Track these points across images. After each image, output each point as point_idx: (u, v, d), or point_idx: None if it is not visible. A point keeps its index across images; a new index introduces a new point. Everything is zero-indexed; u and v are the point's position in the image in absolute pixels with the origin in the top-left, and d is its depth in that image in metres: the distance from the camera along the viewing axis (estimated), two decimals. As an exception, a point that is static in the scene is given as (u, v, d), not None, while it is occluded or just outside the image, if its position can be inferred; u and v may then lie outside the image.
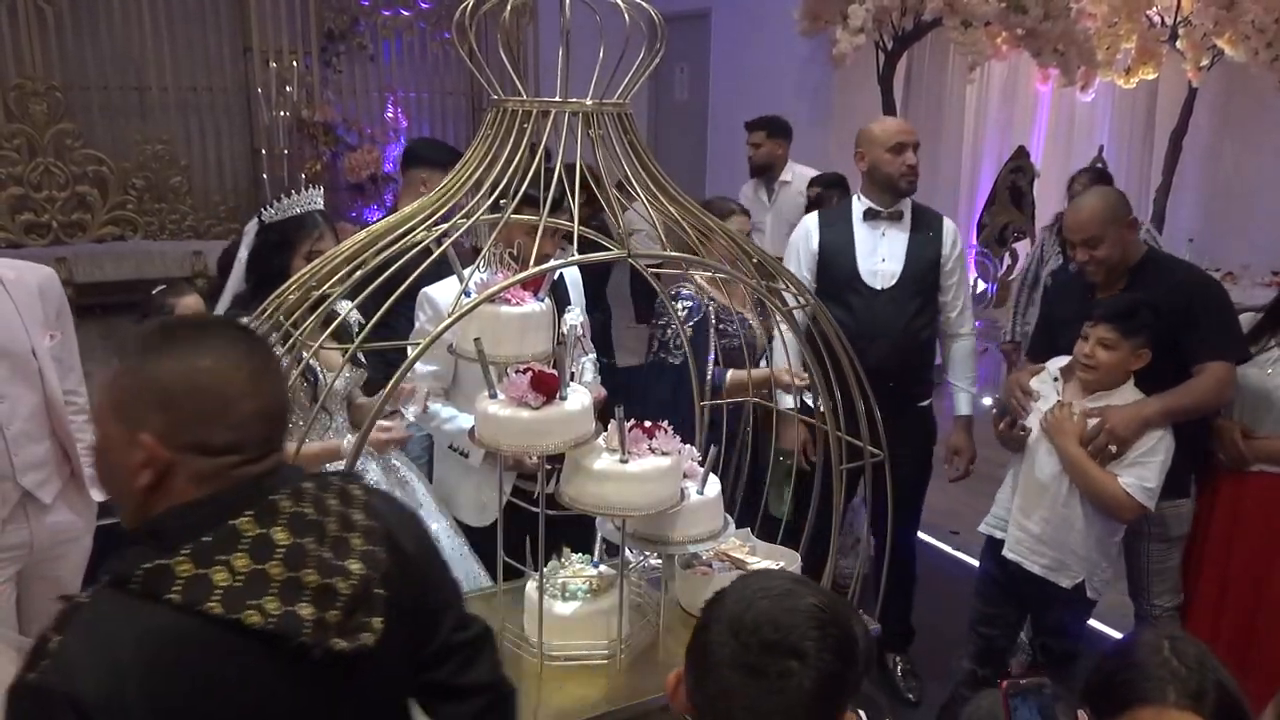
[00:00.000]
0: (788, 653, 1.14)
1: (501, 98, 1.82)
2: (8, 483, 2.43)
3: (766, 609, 1.18)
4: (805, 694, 1.14)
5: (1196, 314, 2.74)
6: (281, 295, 1.81)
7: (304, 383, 2.42)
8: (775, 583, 1.24)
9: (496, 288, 1.72)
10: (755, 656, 1.15)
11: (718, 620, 1.20)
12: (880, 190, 3.22)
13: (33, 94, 6.73)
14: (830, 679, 1.16)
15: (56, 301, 2.56)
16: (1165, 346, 2.70)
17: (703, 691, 1.19)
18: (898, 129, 3.22)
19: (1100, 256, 2.77)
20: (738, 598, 1.22)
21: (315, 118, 7.20)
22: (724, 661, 1.17)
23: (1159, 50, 6.07)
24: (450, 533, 2.69)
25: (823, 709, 1.16)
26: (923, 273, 3.22)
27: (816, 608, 1.19)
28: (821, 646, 1.15)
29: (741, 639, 1.16)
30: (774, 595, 1.21)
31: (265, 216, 2.44)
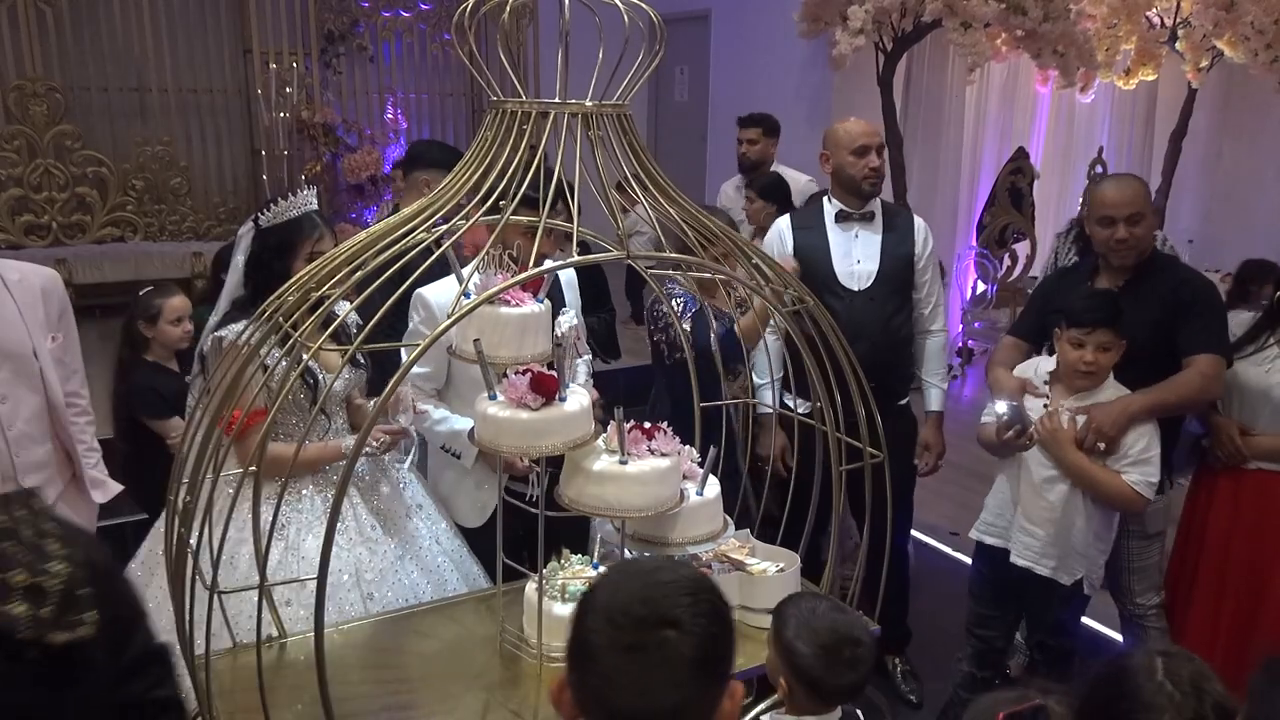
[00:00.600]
0: (662, 623, 1.16)
1: (501, 99, 1.82)
2: (9, 484, 2.43)
3: (635, 588, 1.21)
4: (687, 661, 1.15)
5: (1197, 308, 2.78)
6: (281, 296, 1.81)
7: (304, 385, 2.42)
8: (642, 564, 1.29)
9: (496, 289, 1.72)
10: (631, 635, 1.16)
11: (591, 612, 1.21)
12: (845, 192, 3.24)
13: (33, 95, 6.73)
14: (709, 641, 1.17)
15: (59, 303, 2.56)
16: (1166, 342, 2.74)
17: (586, 687, 1.19)
18: (860, 131, 3.20)
19: (1139, 234, 2.80)
20: (606, 586, 1.24)
21: (315, 119, 7.21)
22: (602, 648, 1.18)
23: (1158, 52, 6.08)
24: (450, 534, 2.69)
25: (706, 674, 1.18)
26: (898, 271, 3.24)
27: (685, 578, 1.22)
28: (695, 613, 1.17)
29: (616, 622, 1.18)
30: (641, 574, 1.24)
31: (262, 221, 2.41)
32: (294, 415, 2.44)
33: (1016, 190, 7.05)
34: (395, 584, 2.44)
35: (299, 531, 2.40)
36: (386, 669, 2.07)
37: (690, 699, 1.16)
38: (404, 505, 2.61)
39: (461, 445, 2.67)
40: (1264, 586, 2.85)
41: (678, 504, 1.98)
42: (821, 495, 2.32)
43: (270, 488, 2.21)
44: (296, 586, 2.30)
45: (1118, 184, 2.94)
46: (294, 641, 2.13)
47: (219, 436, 1.79)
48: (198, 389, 2.42)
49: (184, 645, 1.81)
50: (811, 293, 2.18)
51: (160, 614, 2.35)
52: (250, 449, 1.93)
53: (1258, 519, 2.86)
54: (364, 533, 2.47)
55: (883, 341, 3.20)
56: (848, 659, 1.77)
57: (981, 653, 2.97)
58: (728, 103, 7.96)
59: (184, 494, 1.81)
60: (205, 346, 2.43)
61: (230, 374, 1.80)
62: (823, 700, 1.80)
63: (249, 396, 1.87)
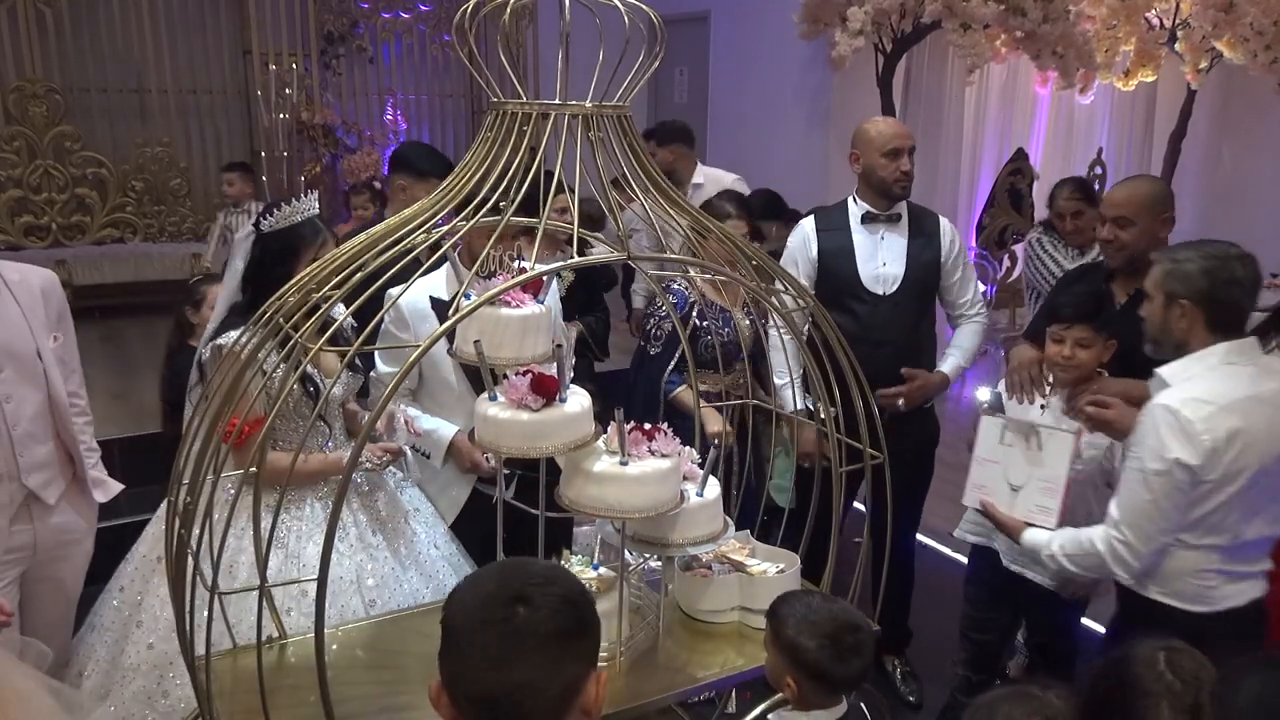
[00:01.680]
0: (513, 600, 1.22)
1: (501, 100, 1.82)
2: (13, 484, 2.43)
3: (493, 574, 1.31)
4: (539, 636, 1.21)
5: None
6: (281, 298, 1.80)
7: (304, 393, 2.41)
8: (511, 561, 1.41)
9: (495, 290, 1.72)
10: (483, 611, 1.22)
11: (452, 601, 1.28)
12: (875, 194, 3.20)
13: (32, 96, 6.74)
14: (561, 617, 1.23)
15: (58, 303, 2.57)
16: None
17: (449, 674, 1.24)
18: (894, 134, 3.16)
19: (1125, 239, 2.77)
20: (469, 578, 1.34)
21: (315, 120, 7.21)
22: (459, 629, 1.23)
23: (1158, 53, 6.07)
24: (447, 538, 2.70)
25: (559, 651, 1.22)
26: (924, 276, 3.21)
27: (544, 569, 1.32)
28: (547, 593, 1.24)
29: (468, 603, 1.25)
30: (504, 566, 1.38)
31: (264, 226, 2.40)
32: (294, 423, 2.43)
33: (1016, 191, 7.05)
34: (396, 590, 2.45)
35: (299, 540, 2.40)
36: (387, 670, 2.07)
37: (543, 675, 1.21)
38: (402, 511, 2.62)
39: (431, 445, 2.69)
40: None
41: (678, 505, 1.98)
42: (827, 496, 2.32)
43: (270, 497, 2.20)
44: (298, 596, 2.30)
45: (1120, 184, 2.96)
46: (294, 643, 2.13)
47: (218, 440, 1.79)
48: (196, 397, 2.41)
49: (184, 646, 1.81)
50: (812, 294, 2.18)
51: (159, 616, 2.36)
52: (249, 456, 1.93)
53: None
54: (364, 539, 2.47)
55: (907, 347, 3.19)
56: (851, 645, 1.80)
57: (977, 656, 2.93)
58: (727, 104, 7.97)
59: (184, 495, 1.81)
60: (204, 354, 2.42)
61: (229, 379, 1.80)
62: (832, 691, 1.82)
63: (248, 403, 1.87)
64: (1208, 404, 2.05)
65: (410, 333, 2.65)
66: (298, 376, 1.91)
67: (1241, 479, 2.06)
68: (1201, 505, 2.09)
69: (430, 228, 1.77)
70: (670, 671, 2.04)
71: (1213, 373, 2.11)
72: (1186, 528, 2.12)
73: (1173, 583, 2.16)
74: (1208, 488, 2.06)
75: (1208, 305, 2.12)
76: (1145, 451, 2.09)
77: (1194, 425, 2.03)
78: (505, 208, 1.73)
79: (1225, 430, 2.03)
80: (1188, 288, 2.13)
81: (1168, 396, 2.09)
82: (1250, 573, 2.18)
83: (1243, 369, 2.11)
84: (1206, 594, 2.14)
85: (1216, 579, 2.14)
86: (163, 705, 2.29)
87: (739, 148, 7.65)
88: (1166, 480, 2.06)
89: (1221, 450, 2.03)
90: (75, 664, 2.46)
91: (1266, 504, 2.13)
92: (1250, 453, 2.04)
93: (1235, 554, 2.14)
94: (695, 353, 2.92)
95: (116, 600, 2.46)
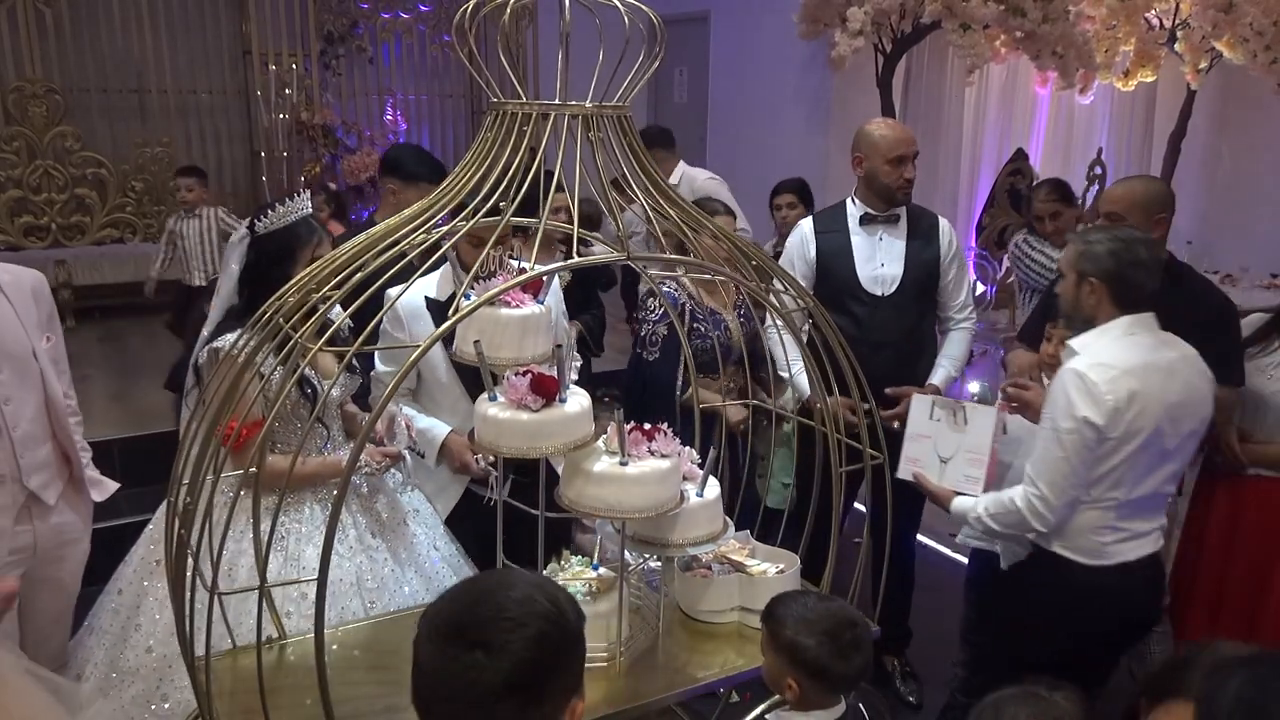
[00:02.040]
0: (473, 645, 1.17)
1: (501, 100, 1.82)
2: (15, 485, 2.43)
3: (464, 604, 1.23)
4: (495, 686, 1.15)
5: (1213, 333, 2.70)
6: (281, 298, 1.80)
7: (301, 396, 2.40)
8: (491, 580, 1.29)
9: (494, 291, 1.72)
10: (442, 651, 1.18)
11: (424, 618, 1.24)
12: (875, 196, 3.19)
13: (32, 96, 6.74)
14: (522, 667, 1.17)
15: (48, 304, 2.57)
16: None
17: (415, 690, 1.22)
18: (898, 139, 3.14)
19: None
20: (445, 596, 1.26)
21: (314, 120, 7.21)
22: (421, 660, 1.20)
23: (1157, 53, 6.07)
24: (446, 539, 2.70)
25: (519, 699, 1.17)
26: (923, 276, 3.21)
27: (517, 601, 1.21)
28: (511, 638, 1.17)
29: (432, 636, 1.20)
30: (477, 590, 1.25)
31: (259, 228, 2.39)
32: (292, 425, 2.43)
33: (1016, 191, 7.04)
34: (396, 592, 2.44)
35: (298, 542, 2.40)
36: (386, 670, 2.07)
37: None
38: (401, 513, 2.62)
39: (425, 444, 2.71)
40: (1263, 591, 2.85)
41: (678, 505, 1.98)
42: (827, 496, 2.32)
43: (269, 499, 2.20)
44: (297, 598, 2.30)
45: (1120, 181, 2.98)
46: (294, 643, 2.13)
47: (217, 441, 1.79)
48: (193, 402, 2.40)
49: (184, 646, 1.81)
50: (811, 294, 2.18)
51: (158, 619, 2.36)
52: (248, 460, 1.92)
53: (1257, 525, 2.86)
54: (364, 541, 2.47)
55: (907, 348, 3.18)
56: (851, 641, 1.81)
57: (977, 658, 2.92)
58: (727, 104, 7.97)
59: (184, 496, 1.81)
60: (200, 358, 2.40)
61: (228, 381, 1.80)
62: (833, 690, 1.82)
63: (246, 405, 1.87)
64: (1111, 368, 2.24)
65: (405, 332, 2.67)
66: (296, 378, 1.91)
67: (1139, 437, 2.25)
68: (1105, 462, 2.27)
69: (430, 228, 1.77)
70: (670, 672, 2.04)
71: (1117, 342, 2.30)
72: (1090, 484, 2.30)
73: (1074, 539, 2.35)
74: (1111, 445, 2.25)
75: (1113, 283, 2.32)
76: (1057, 412, 2.28)
77: (1099, 387, 2.22)
78: (505, 208, 1.73)
79: (1126, 391, 2.22)
80: (1097, 267, 2.33)
81: (1076, 362, 2.29)
82: (1142, 530, 2.37)
83: (1143, 339, 2.31)
84: (1101, 550, 2.34)
85: (1111, 535, 2.34)
86: (162, 709, 2.29)
87: (738, 148, 7.65)
88: (1076, 438, 2.25)
89: (1123, 410, 2.23)
90: (73, 666, 2.45)
91: (1159, 464, 2.32)
92: (1147, 414, 2.24)
93: (1128, 512, 2.33)
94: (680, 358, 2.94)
95: (114, 603, 2.46)
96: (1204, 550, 2.98)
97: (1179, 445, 2.34)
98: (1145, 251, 2.33)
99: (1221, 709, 1.09)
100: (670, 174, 5.28)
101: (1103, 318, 2.35)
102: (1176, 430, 2.30)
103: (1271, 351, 2.84)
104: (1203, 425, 2.37)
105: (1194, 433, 2.36)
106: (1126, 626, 2.46)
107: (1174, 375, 2.29)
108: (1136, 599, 2.41)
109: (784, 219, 4.93)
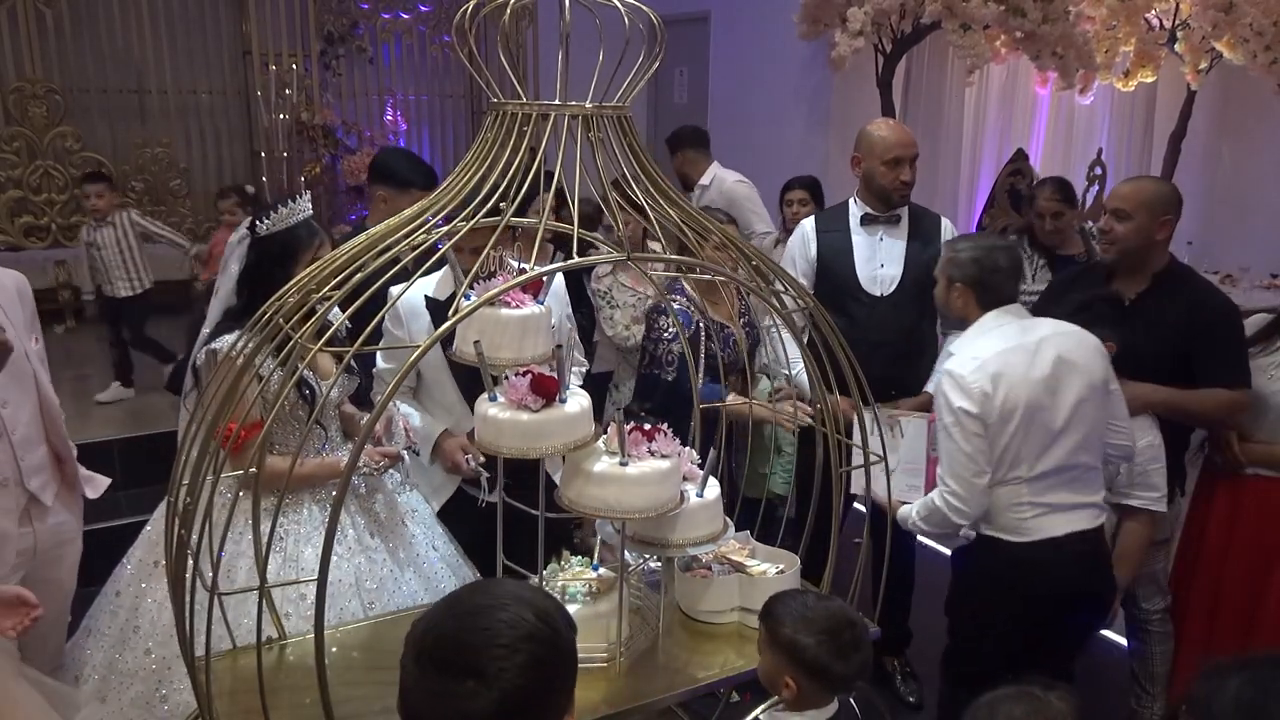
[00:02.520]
0: (465, 672, 1.13)
1: (501, 100, 1.82)
2: (16, 488, 2.42)
3: (451, 629, 1.18)
4: (489, 715, 1.12)
5: (1217, 336, 2.76)
6: (281, 299, 1.80)
7: (300, 398, 2.40)
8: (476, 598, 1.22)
9: (494, 292, 1.72)
10: (435, 679, 1.14)
11: (410, 640, 1.19)
12: (873, 197, 3.20)
13: (32, 97, 6.74)
14: (516, 694, 1.13)
15: (31, 305, 2.54)
16: (1175, 355, 2.75)
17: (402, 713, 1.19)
18: (897, 141, 3.14)
19: (1121, 233, 2.82)
20: (430, 616, 1.21)
21: (315, 120, 7.20)
22: (409, 686, 1.17)
23: (1158, 53, 6.07)
24: (445, 539, 2.70)
25: None
26: (923, 277, 3.20)
27: (507, 623, 1.16)
28: (505, 665, 1.13)
29: (422, 662, 1.16)
30: (465, 613, 1.19)
31: (260, 230, 2.38)
32: (290, 426, 2.42)
33: (1016, 192, 7.03)
34: (395, 592, 2.44)
35: (297, 543, 2.40)
36: (386, 670, 2.06)
37: None
38: (400, 513, 2.61)
39: (421, 441, 2.74)
40: (1263, 591, 2.85)
41: (678, 505, 1.98)
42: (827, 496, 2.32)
43: (268, 500, 2.20)
44: (296, 600, 2.30)
45: (1129, 179, 3.02)
46: (293, 643, 2.13)
47: (217, 443, 1.79)
48: (192, 403, 2.40)
49: (184, 647, 1.81)
50: (811, 295, 2.18)
51: (156, 621, 2.36)
52: (247, 462, 1.92)
53: (1256, 524, 2.87)
54: (363, 542, 2.47)
55: (905, 348, 3.18)
56: (850, 640, 1.81)
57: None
58: (727, 104, 7.96)
59: (184, 496, 1.81)
60: (199, 360, 2.40)
61: (227, 382, 1.80)
62: (831, 688, 1.82)
63: (245, 407, 1.86)
64: (974, 359, 2.45)
65: (404, 329, 2.68)
66: (295, 379, 1.90)
67: (1017, 416, 2.41)
68: (996, 445, 2.43)
69: (430, 229, 1.76)
70: (670, 672, 2.04)
71: (984, 336, 2.51)
72: (994, 467, 2.45)
73: (995, 519, 2.50)
74: (995, 428, 2.42)
75: (976, 287, 2.54)
76: (941, 410, 2.48)
77: (966, 379, 2.43)
78: (505, 209, 1.73)
79: (989, 376, 2.41)
80: (962, 273, 2.56)
81: (949, 363, 2.51)
82: (1063, 504, 2.48)
83: (1008, 329, 2.50)
84: (1021, 526, 2.48)
85: (1029, 510, 2.47)
86: (161, 710, 2.29)
87: (739, 148, 7.64)
88: (960, 429, 2.43)
89: (991, 394, 2.40)
90: (71, 669, 2.44)
91: (1055, 438, 2.45)
92: (1016, 393, 2.40)
93: (1040, 487, 2.46)
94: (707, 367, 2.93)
95: (112, 605, 2.45)
96: (1203, 549, 2.98)
97: (1071, 416, 2.44)
98: (1005, 258, 2.55)
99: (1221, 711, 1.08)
100: (703, 174, 5.30)
101: (972, 316, 2.56)
102: (1057, 403, 2.43)
103: (1273, 351, 2.85)
104: (1092, 392, 2.47)
105: (1084, 400, 2.45)
106: (1061, 601, 2.51)
107: (1039, 353, 2.44)
108: (1066, 573, 2.48)
109: (794, 214, 4.94)
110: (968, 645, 2.69)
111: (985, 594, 2.58)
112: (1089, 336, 2.52)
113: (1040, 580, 2.46)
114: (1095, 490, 2.55)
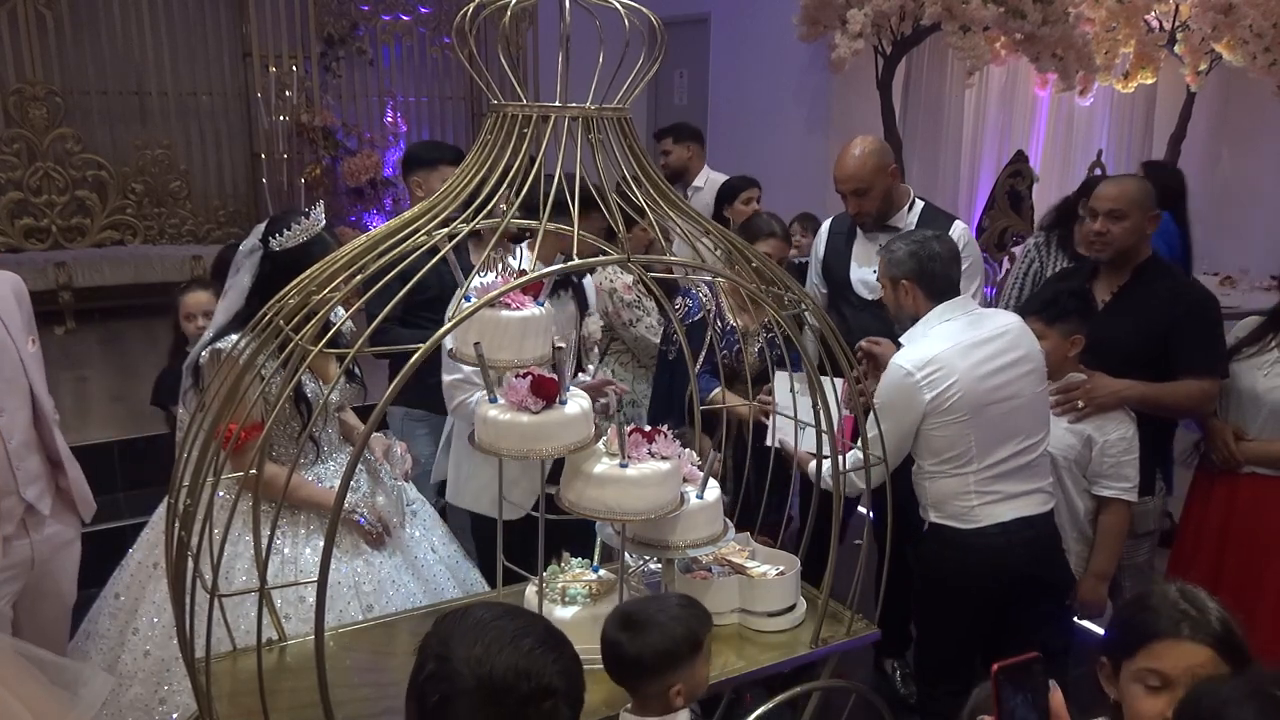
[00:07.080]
0: (544, 694, 1.21)
1: (501, 102, 1.82)
2: (12, 498, 2.38)
3: (507, 661, 1.22)
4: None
5: (1192, 325, 2.83)
6: (282, 300, 1.80)
7: (296, 409, 2.38)
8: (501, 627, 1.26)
9: (494, 293, 1.72)
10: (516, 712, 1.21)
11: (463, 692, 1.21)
12: None
13: (32, 99, 6.73)
14: (579, 690, 1.25)
15: (29, 308, 2.51)
16: (1157, 345, 2.81)
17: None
18: (838, 175, 3.17)
19: (1118, 233, 2.87)
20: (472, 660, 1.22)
21: (315, 122, 7.20)
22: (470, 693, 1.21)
23: (1157, 55, 6.08)
24: (445, 540, 2.70)
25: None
26: None
27: (540, 636, 1.26)
28: (560, 670, 1.23)
29: (498, 699, 1.20)
30: (504, 641, 1.24)
31: (275, 244, 2.33)
32: (289, 429, 2.41)
33: (1015, 193, 7.04)
34: (394, 594, 2.44)
35: (295, 545, 2.40)
36: (386, 672, 2.07)
37: None
38: (399, 515, 2.61)
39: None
40: (1257, 588, 2.86)
41: (678, 507, 1.98)
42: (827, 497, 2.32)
43: (267, 504, 2.20)
44: (295, 601, 2.29)
45: (1112, 180, 3.05)
46: (293, 645, 2.13)
47: (217, 444, 1.79)
48: (190, 403, 2.39)
49: (184, 648, 1.81)
50: (810, 296, 2.18)
51: (156, 623, 2.36)
52: (247, 463, 1.92)
53: (1251, 522, 2.88)
54: (360, 545, 2.46)
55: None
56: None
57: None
58: (727, 106, 7.97)
59: (184, 497, 1.81)
60: (201, 359, 2.38)
61: (229, 382, 1.80)
62: None
63: (245, 408, 1.86)
64: (919, 354, 2.51)
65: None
66: (296, 381, 1.90)
67: (964, 410, 2.46)
68: (939, 434, 2.49)
69: (429, 230, 1.76)
70: (670, 674, 2.03)
71: (932, 331, 2.56)
72: (941, 457, 2.52)
73: (943, 506, 2.57)
74: (934, 419, 2.48)
75: (920, 279, 2.57)
76: (881, 394, 2.52)
77: (912, 376, 2.48)
78: (505, 210, 1.73)
79: (932, 371, 2.46)
80: (902, 269, 2.59)
81: (896, 356, 2.56)
82: (1013, 492, 2.53)
83: (955, 323, 2.55)
84: (966, 513, 2.54)
85: (975, 499, 2.52)
86: (160, 711, 2.29)
87: (738, 150, 7.65)
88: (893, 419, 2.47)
89: (936, 389, 2.46)
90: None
91: (1002, 431, 2.50)
92: (956, 385, 2.45)
93: (987, 478, 2.51)
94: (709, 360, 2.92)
95: (112, 607, 2.45)
96: (1199, 547, 3.00)
97: (1019, 408, 2.50)
98: (939, 245, 2.59)
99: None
100: (696, 174, 5.30)
101: (922, 311, 2.59)
102: (1003, 395, 2.48)
103: (1267, 350, 2.87)
104: (1039, 381, 2.56)
105: (1031, 391, 2.53)
106: (1013, 586, 2.55)
107: (983, 348, 2.49)
108: (1015, 558, 2.52)
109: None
110: (930, 640, 2.73)
111: (938, 585, 2.64)
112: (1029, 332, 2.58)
113: (990, 566, 2.52)
114: (1042, 476, 2.59)
